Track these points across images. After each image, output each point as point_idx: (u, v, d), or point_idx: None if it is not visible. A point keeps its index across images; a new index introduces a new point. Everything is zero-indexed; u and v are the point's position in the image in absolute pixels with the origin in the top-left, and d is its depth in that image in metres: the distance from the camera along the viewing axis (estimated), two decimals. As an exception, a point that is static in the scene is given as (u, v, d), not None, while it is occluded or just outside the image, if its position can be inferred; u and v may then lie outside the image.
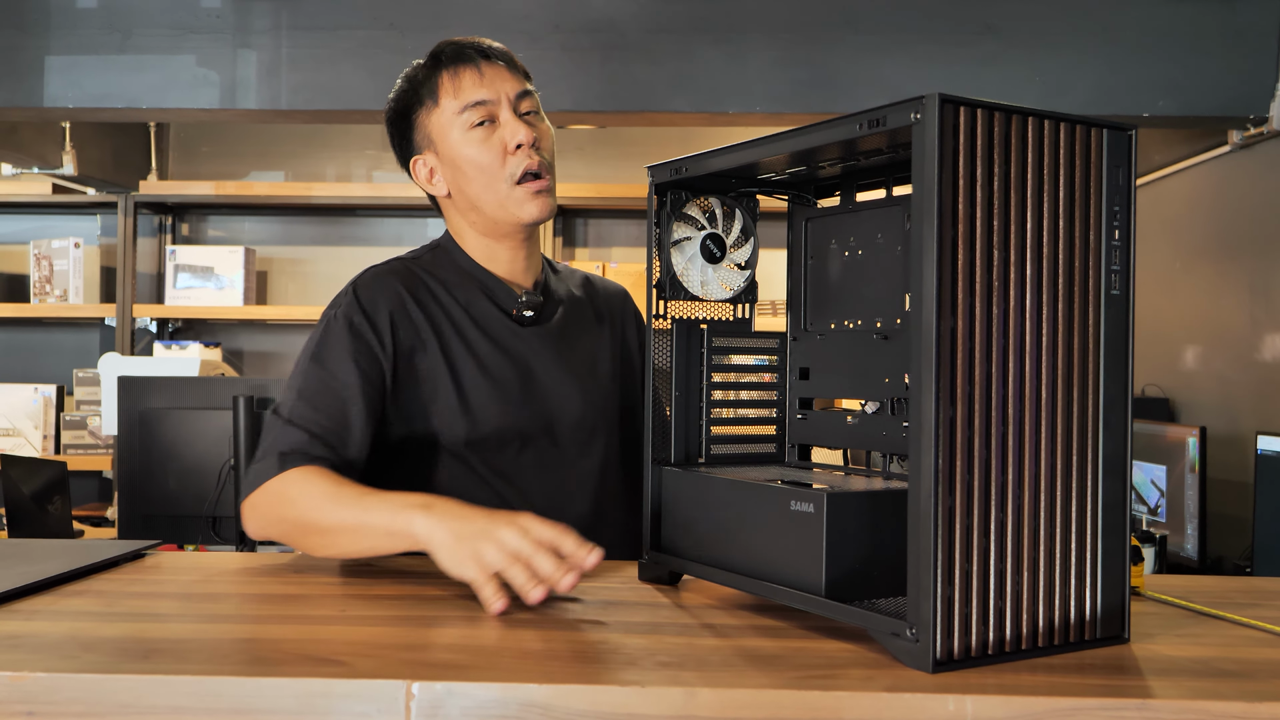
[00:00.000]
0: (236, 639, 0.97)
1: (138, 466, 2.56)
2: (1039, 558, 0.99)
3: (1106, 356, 1.03)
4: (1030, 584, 0.98)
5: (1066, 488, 1.00)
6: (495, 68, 1.52)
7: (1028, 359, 0.98)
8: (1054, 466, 1.00)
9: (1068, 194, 1.01)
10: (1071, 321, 1.01)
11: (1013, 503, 0.97)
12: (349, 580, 1.25)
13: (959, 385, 0.94)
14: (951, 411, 0.94)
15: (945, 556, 0.93)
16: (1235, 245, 3.18)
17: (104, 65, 2.98)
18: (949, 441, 0.94)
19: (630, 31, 2.96)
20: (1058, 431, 1.00)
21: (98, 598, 1.13)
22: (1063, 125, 1.01)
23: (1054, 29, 2.98)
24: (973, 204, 0.96)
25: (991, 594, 0.96)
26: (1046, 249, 0.99)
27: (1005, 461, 0.97)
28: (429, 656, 0.93)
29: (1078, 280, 1.01)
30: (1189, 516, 2.95)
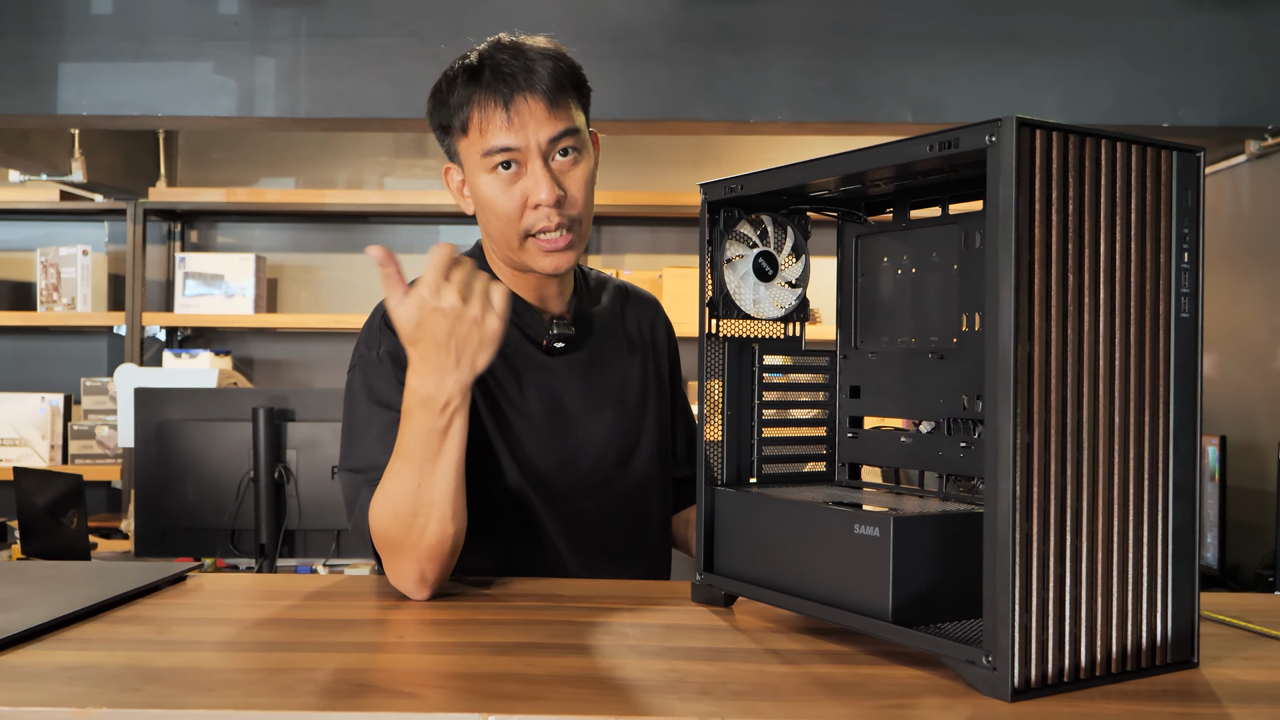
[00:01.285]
0: (299, 669, 0.95)
1: (154, 479, 2.55)
2: (1112, 583, 0.97)
3: (1177, 380, 1.02)
4: (1104, 610, 0.97)
5: (1139, 512, 0.99)
6: (530, 104, 1.38)
7: (1101, 383, 0.97)
8: (1126, 491, 0.98)
9: (1139, 217, 1.00)
10: (1143, 345, 1.00)
11: (1087, 528, 0.96)
12: (398, 604, 1.23)
13: (1035, 410, 0.93)
14: (1028, 437, 0.92)
15: (1022, 583, 0.92)
16: (1253, 254, 3.17)
17: (120, 72, 2.96)
18: (1025, 467, 0.92)
19: (652, 40, 2.95)
20: (1130, 456, 0.99)
21: (148, 624, 1.12)
22: (1134, 147, 0.99)
23: (1075, 38, 2.97)
24: (1048, 228, 0.94)
25: (1067, 620, 0.94)
26: (1119, 272, 0.98)
27: (1080, 487, 0.96)
28: (498, 687, 0.91)
29: (1149, 304, 1.00)
30: (1209, 525, 2.93)
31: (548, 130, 1.40)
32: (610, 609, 1.20)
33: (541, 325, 1.51)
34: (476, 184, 1.44)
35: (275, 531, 2.52)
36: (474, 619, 1.16)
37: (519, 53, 1.43)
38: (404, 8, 2.94)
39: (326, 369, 4.42)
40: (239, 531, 2.56)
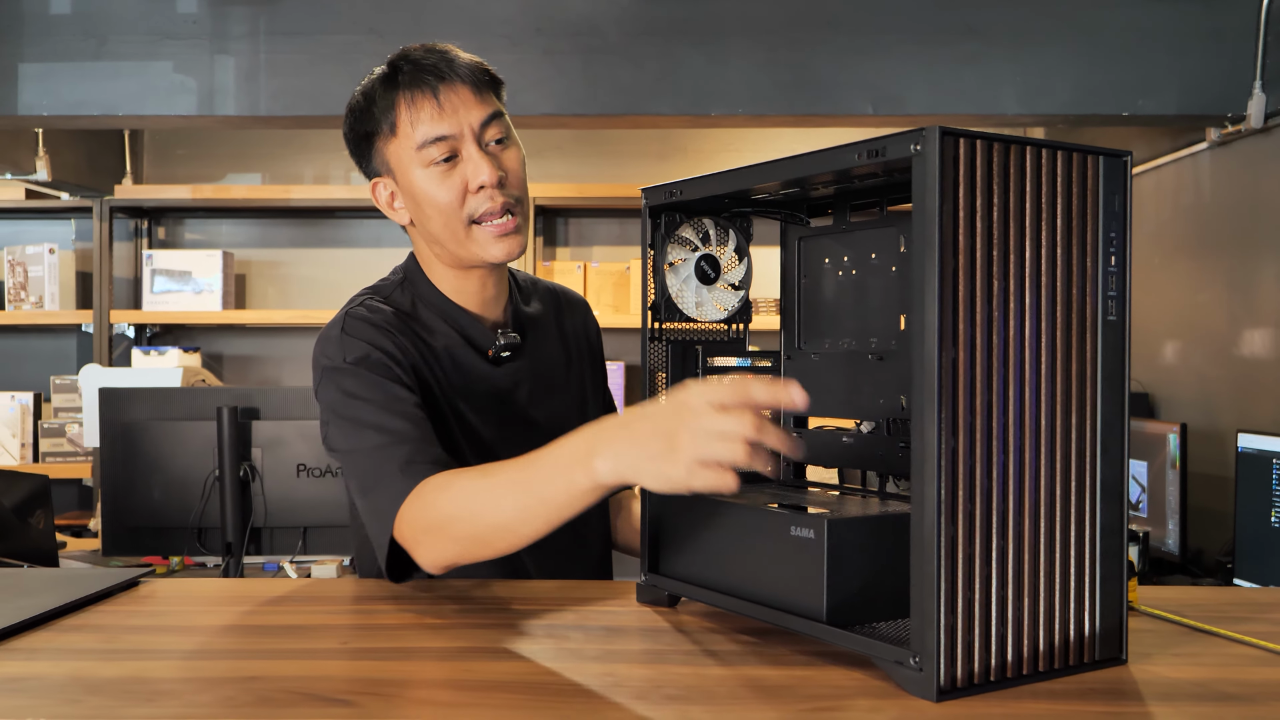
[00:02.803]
0: (240, 677, 0.96)
1: (120, 479, 2.54)
2: (1039, 584, 0.99)
3: (1104, 382, 1.04)
4: (1031, 609, 0.99)
5: (1065, 514, 1.01)
6: (457, 93, 1.39)
7: (1027, 387, 0.99)
8: (1054, 493, 1.00)
9: (1065, 222, 1.01)
10: (1070, 348, 1.01)
11: (1013, 530, 0.98)
12: (348, 608, 1.24)
13: (960, 415, 0.95)
14: (953, 442, 0.94)
15: (948, 585, 0.94)
16: (1214, 242, 3.20)
17: (80, 72, 2.95)
18: (950, 471, 0.94)
19: (612, 34, 2.95)
20: (1056, 458, 1.01)
21: (96, 633, 1.12)
22: (1060, 153, 1.01)
23: (1035, 30, 3.00)
24: (973, 235, 0.96)
25: (994, 621, 0.96)
26: (1045, 277, 1.00)
27: (1006, 489, 0.98)
28: (435, 695, 0.92)
29: (1075, 307, 1.02)
30: (1170, 512, 2.97)
31: (478, 114, 1.40)
32: (555, 610, 1.21)
33: (486, 335, 1.51)
34: (412, 183, 1.41)
35: (241, 530, 2.52)
36: (419, 624, 1.17)
37: (432, 50, 1.42)
38: (363, 5, 2.94)
39: (296, 364, 4.42)
40: (205, 530, 2.56)
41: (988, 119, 3.03)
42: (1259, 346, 2.97)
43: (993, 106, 2.99)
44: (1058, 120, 3.08)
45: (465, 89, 1.39)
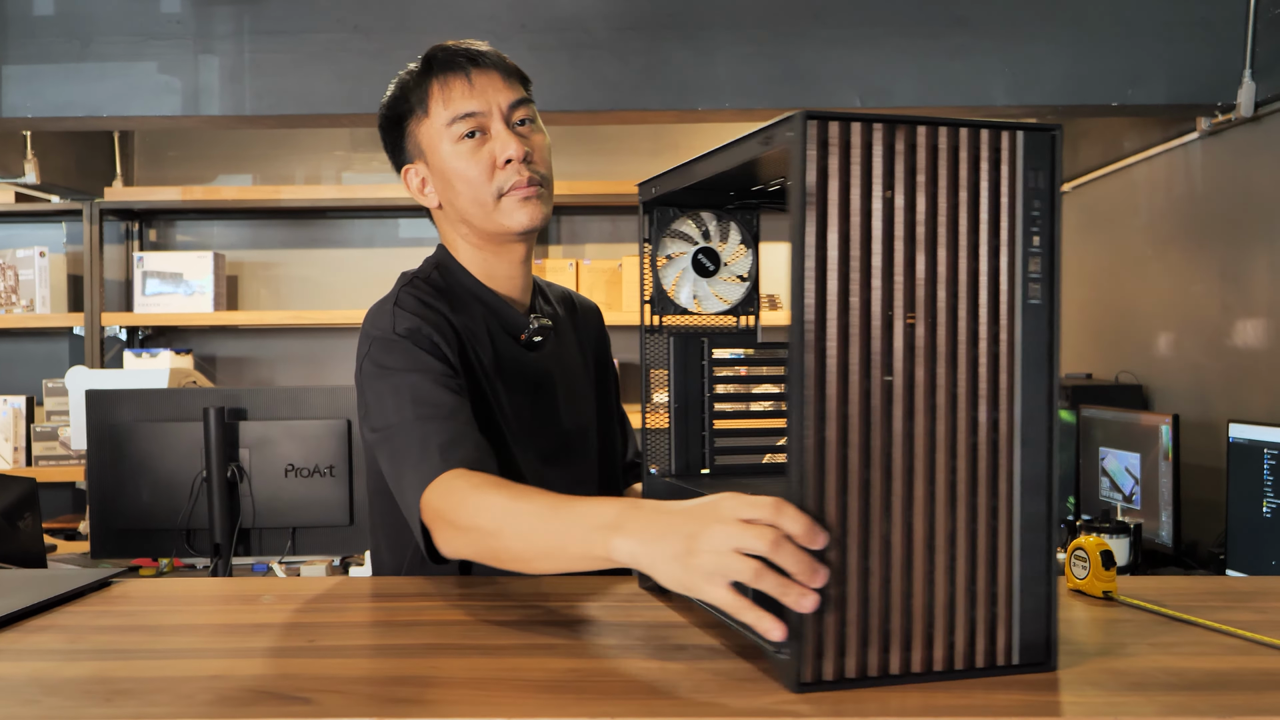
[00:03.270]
0: (203, 676, 0.95)
1: (109, 481, 2.54)
2: (935, 581, 0.95)
3: (1025, 369, 0.98)
4: (925, 608, 0.94)
5: (972, 509, 0.96)
6: (488, 76, 1.47)
7: (918, 375, 0.94)
8: (953, 487, 0.95)
9: (970, 201, 0.96)
10: (977, 334, 0.96)
11: (901, 524, 0.93)
12: (321, 606, 1.23)
13: (831, 405, 0.92)
14: (822, 432, 0.92)
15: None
16: (1206, 232, 3.19)
17: (64, 74, 2.94)
18: (818, 461, 0.91)
19: (598, 30, 2.94)
20: (959, 451, 0.95)
21: (62, 633, 1.12)
22: (963, 131, 0.95)
23: (1023, 20, 2.98)
24: (846, 221, 0.92)
25: (873, 616, 0.93)
26: (942, 258, 0.95)
27: (890, 482, 0.93)
28: (395, 691, 0.91)
29: (984, 290, 0.96)
30: (1163, 503, 2.96)
31: (506, 97, 1.47)
32: (529, 606, 1.20)
33: (519, 318, 1.54)
34: (442, 160, 1.47)
35: (229, 531, 2.51)
36: (390, 620, 1.16)
37: (463, 44, 1.50)
38: (348, 3, 2.93)
39: (289, 365, 4.41)
40: (194, 531, 2.55)
41: (977, 110, 3.01)
42: (1251, 337, 2.96)
43: (982, 98, 2.97)
44: (1047, 111, 3.06)
45: (495, 74, 1.47)
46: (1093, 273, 3.95)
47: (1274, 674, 0.98)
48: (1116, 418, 3.21)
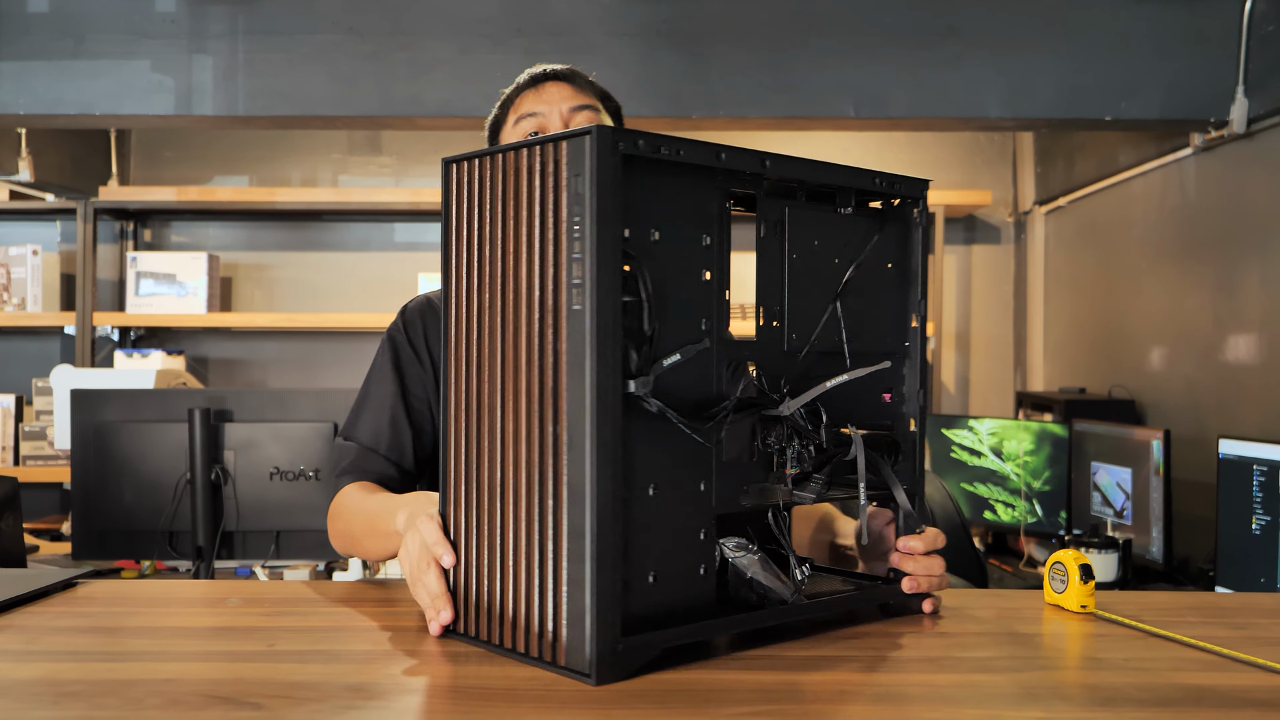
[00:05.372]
0: (154, 680, 0.94)
1: (92, 481, 2.52)
2: (516, 575, 1.01)
3: (568, 376, 0.95)
4: (509, 594, 1.01)
5: (536, 512, 0.99)
6: (556, 85, 1.58)
7: (502, 387, 1.03)
8: (521, 492, 1.00)
9: (535, 215, 0.99)
10: (535, 343, 0.99)
11: (488, 524, 1.03)
12: (286, 610, 1.22)
13: (455, 415, 1.08)
14: (450, 434, 1.08)
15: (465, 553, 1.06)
16: (1199, 247, 3.18)
17: (57, 71, 2.93)
18: (455, 464, 1.07)
19: (593, 35, 2.93)
20: (523, 453, 1.00)
21: (19, 634, 1.10)
22: (536, 150, 0.99)
23: (1017, 32, 2.97)
24: (463, 246, 1.06)
25: (477, 590, 1.04)
26: (512, 275, 1.01)
27: (491, 486, 1.03)
28: (348, 698, 0.90)
29: (540, 300, 0.98)
30: (1154, 519, 2.94)
31: (570, 102, 1.58)
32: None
33: None
34: None
35: (212, 533, 2.49)
36: (353, 625, 1.14)
37: (551, 66, 1.63)
38: (342, 5, 2.92)
39: (281, 367, 4.40)
40: (177, 533, 2.53)
41: (970, 122, 3.00)
42: (1244, 352, 2.94)
43: (975, 110, 2.96)
44: (1040, 124, 3.06)
45: (567, 86, 1.58)
46: (1087, 287, 3.93)
47: (1247, 690, 0.96)
48: (1108, 432, 3.20)
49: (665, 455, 1.00)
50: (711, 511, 1.05)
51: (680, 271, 1.03)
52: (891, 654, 1.06)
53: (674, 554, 1.01)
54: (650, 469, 0.99)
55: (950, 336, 4.40)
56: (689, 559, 1.03)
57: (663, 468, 1.00)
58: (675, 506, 1.01)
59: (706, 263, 1.05)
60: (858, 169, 1.18)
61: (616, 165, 0.95)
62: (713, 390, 1.05)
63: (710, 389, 1.05)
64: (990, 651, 1.07)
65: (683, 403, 1.01)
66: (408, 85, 2.92)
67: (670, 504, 1.01)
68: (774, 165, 1.09)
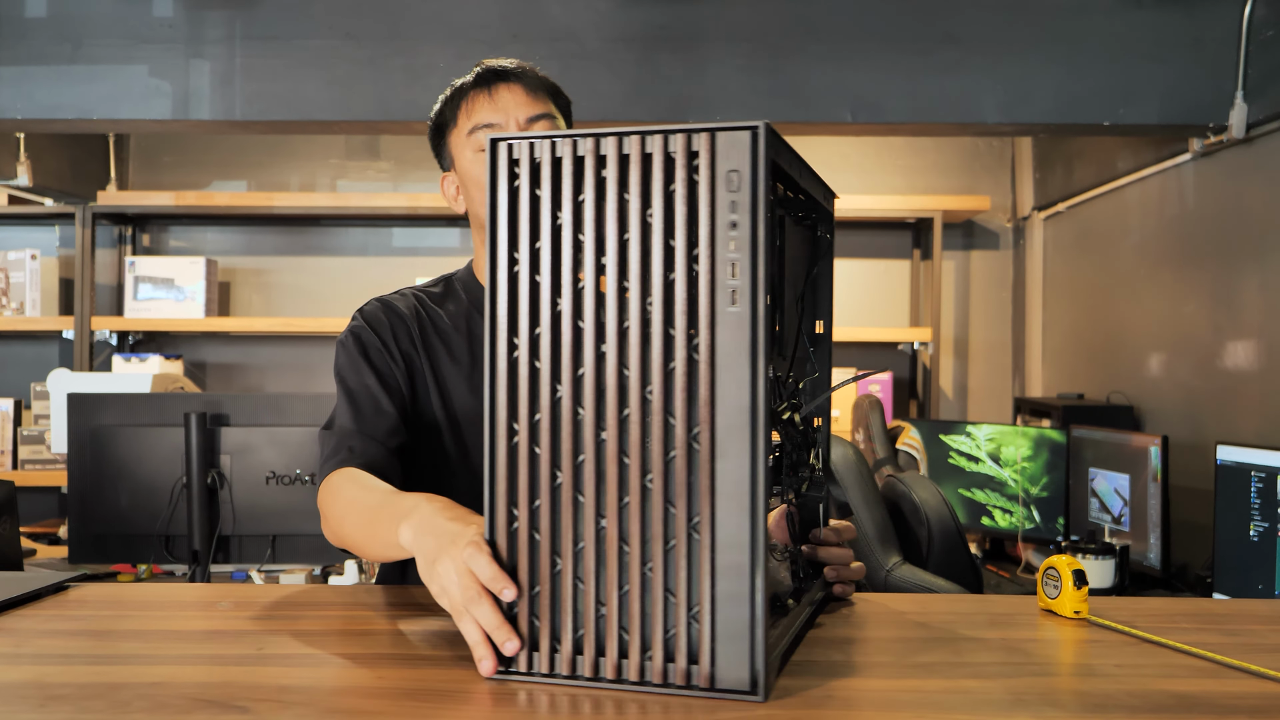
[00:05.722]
0: (142, 683, 0.93)
1: (89, 485, 2.52)
2: (629, 592, 0.93)
3: (720, 379, 0.91)
4: (615, 614, 0.93)
5: (656, 528, 0.92)
6: (510, 90, 1.53)
7: (609, 382, 0.94)
8: (634, 505, 0.93)
9: (682, 208, 0.92)
10: (671, 343, 0.93)
11: (593, 530, 0.94)
12: (277, 614, 1.21)
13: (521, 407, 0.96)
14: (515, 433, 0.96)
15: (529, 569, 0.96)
16: (1198, 253, 3.18)
17: (55, 76, 2.93)
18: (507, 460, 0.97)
19: (590, 41, 2.93)
20: (654, 461, 0.93)
21: (8, 637, 1.10)
22: (651, 138, 0.93)
23: (1015, 38, 2.97)
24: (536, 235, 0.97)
25: (564, 617, 0.95)
26: (637, 266, 0.93)
27: (578, 488, 0.95)
28: (338, 702, 0.89)
29: (679, 298, 0.92)
30: (1152, 526, 2.94)
31: (526, 110, 1.53)
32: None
33: None
34: (464, 167, 1.55)
35: (208, 537, 2.49)
36: (344, 630, 1.14)
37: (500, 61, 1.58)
38: (339, 10, 2.92)
39: (279, 372, 4.39)
40: (173, 537, 2.53)
41: (968, 127, 3.00)
42: (1242, 358, 2.94)
43: (973, 115, 2.96)
44: (1039, 129, 3.05)
45: (519, 88, 1.54)
46: (1085, 293, 3.93)
47: (1239, 697, 0.96)
48: (1106, 438, 3.19)
49: None
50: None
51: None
52: (879, 659, 1.06)
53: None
54: None
55: (948, 342, 4.39)
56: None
57: None
58: None
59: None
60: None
61: (769, 166, 0.92)
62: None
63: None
64: (981, 657, 1.07)
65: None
66: (405, 90, 2.92)
67: None
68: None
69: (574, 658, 0.94)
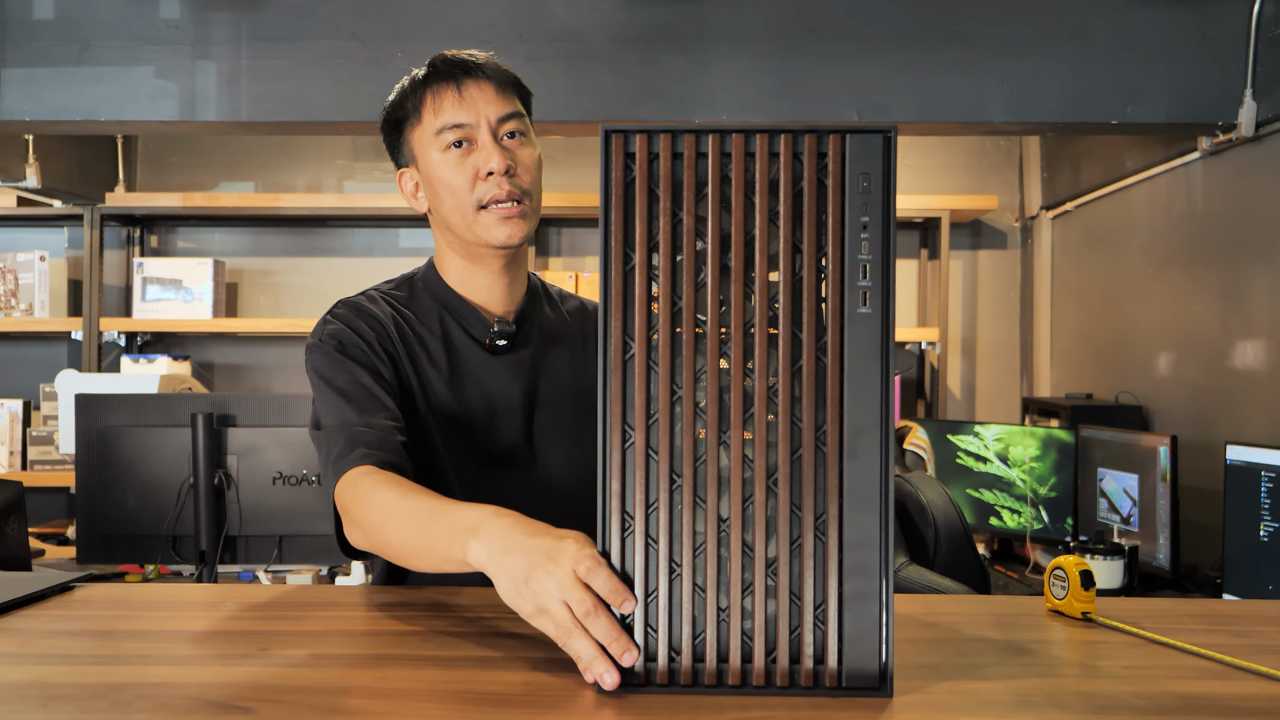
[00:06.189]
0: (145, 684, 0.93)
1: (96, 486, 2.52)
2: (752, 594, 0.93)
3: (850, 380, 0.94)
4: (738, 618, 0.93)
5: (795, 521, 0.93)
6: (480, 87, 1.47)
7: (732, 380, 0.94)
8: (770, 497, 0.93)
9: (791, 208, 0.94)
10: (800, 343, 0.94)
11: (714, 528, 0.93)
12: (280, 614, 1.21)
13: (638, 408, 0.94)
14: (630, 435, 0.94)
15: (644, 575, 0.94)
16: (1206, 251, 3.16)
17: (61, 77, 2.94)
18: (621, 463, 0.94)
19: (595, 40, 2.93)
20: (780, 462, 0.93)
21: (12, 637, 1.10)
22: (783, 137, 0.94)
23: (1022, 35, 2.96)
24: (652, 229, 0.95)
25: (683, 624, 0.93)
26: (760, 270, 0.94)
27: (699, 486, 0.94)
28: (340, 702, 0.89)
29: (807, 298, 0.94)
30: (1161, 526, 2.93)
31: (496, 110, 1.47)
32: (485, 618, 1.18)
33: (483, 324, 1.54)
34: (430, 167, 1.49)
35: (215, 537, 2.50)
36: (347, 630, 1.14)
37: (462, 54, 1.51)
38: (344, 11, 2.92)
39: (287, 373, 4.40)
40: (180, 538, 2.53)
41: (974, 127, 2.99)
42: (1251, 358, 2.93)
43: (979, 114, 2.95)
44: (1046, 128, 3.04)
45: (489, 85, 1.48)
46: (1093, 292, 3.92)
47: (1247, 699, 0.95)
48: (1115, 438, 3.18)
49: None
50: None
51: None
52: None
53: None
54: None
55: (956, 342, 4.38)
56: None
57: None
58: None
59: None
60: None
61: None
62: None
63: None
64: (987, 658, 1.06)
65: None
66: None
67: None
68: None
69: (694, 666, 0.93)
